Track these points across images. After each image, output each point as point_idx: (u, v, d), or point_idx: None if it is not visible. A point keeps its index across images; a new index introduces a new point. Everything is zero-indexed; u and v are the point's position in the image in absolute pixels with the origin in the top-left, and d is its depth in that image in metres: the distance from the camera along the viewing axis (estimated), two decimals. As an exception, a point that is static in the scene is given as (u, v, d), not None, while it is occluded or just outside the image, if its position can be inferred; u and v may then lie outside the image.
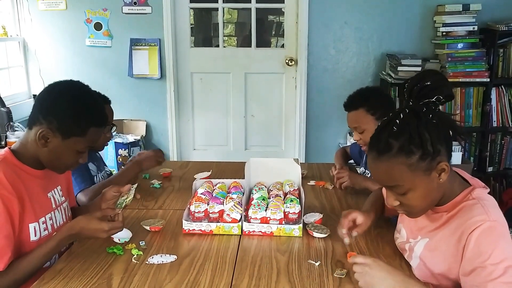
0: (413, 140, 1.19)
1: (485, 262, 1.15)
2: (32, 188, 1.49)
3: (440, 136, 1.21)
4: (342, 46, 3.95)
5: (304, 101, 4.02)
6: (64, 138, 1.46)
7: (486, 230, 1.17)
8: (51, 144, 1.46)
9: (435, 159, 1.21)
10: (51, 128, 1.45)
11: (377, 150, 1.24)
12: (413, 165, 1.20)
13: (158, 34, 3.94)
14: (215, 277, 1.38)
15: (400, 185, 1.24)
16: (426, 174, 1.22)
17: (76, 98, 1.50)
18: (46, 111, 1.46)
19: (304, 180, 2.17)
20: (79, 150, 1.51)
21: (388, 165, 1.23)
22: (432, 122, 1.21)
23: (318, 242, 1.61)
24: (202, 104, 4.18)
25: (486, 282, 1.14)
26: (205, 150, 4.28)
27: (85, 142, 1.50)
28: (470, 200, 1.26)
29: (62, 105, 1.47)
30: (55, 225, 1.58)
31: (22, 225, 1.43)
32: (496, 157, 3.78)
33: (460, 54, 3.59)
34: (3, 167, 1.41)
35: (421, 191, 1.24)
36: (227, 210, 1.69)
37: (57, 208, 1.61)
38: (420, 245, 1.36)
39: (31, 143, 1.48)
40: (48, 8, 3.94)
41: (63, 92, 1.51)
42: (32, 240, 1.47)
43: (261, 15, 4.20)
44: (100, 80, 3.93)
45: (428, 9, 3.79)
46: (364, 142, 2.09)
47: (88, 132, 1.49)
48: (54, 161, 1.52)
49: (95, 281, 1.35)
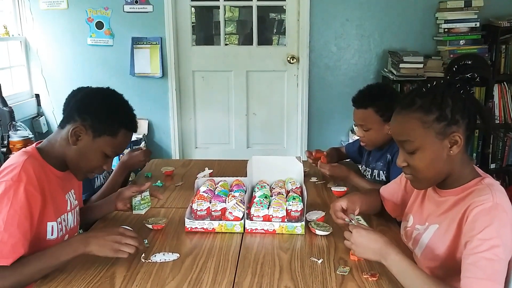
0: (435, 101, 1.25)
1: (474, 236, 1.17)
2: (54, 187, 1.51)
3: (463, 110, 1.25)
4: (343, 43, 3.94)
5: (306, 98, 4.02)
6: (96, 137, 1.50)
7: (486, 209, 1.19)
8: (82, 142, 1.50)
9: (450, 127, 1.24)
10: (85, 125, 1.49)
11: (401, 105, 1.31)
12: (428, 123, 1.25)
13: (160, 32, 3.94)
14: (218, 275, 1.38)
15: (411, 141, 1.28)
16: (438, 138, 1.25)
17: (111, 100, 1.58)
18: (82, 107, 1.52)
19: (306, 178, 2.17)
20: (107, 153, 1.54)
21: (405, 118, 1.29)
22: (460, 95, 1.27)
23: (320, 240, 1.60)
24: (204, 102, 4.18)
25: (469, 255, 1.16)
26: (207, 148, 4.28)
27: (114, 144, 1.53)
28: (480, 185, 1.27)
29: (98, 105, 1.53)
30: (67, 227, 1.58)
31: (41, 223, 1.44)
32: (498, 154, 3.77)
33: (462, 50, 3.58)
34: (32, 162, 1.43)
35: (429, 153, 1.27)
36: (229, 208, 1.69)
37: (71, 211, 1.62)
38: (430, 232, 1.36)
39: (60, 142, 1.51)
40: (50, 7, 3.94)
41: (98, 92, 1.59)
42: (48, 238, 1.47)
43: (263, 13, 4.19)
44: (101, 79, 3.94)
45: (430, 5, 3.78)
46: (367, 140, 2.09)
47: (119, 134, 1.53)
48: (80, 162, 1.53)
49: (98, 280, 1.35)
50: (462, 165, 1.30)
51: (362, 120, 2.07)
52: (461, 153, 1.28)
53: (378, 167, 2.12)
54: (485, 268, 1.13)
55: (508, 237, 1.17)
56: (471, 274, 1.14)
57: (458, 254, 1.25)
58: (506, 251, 1.17)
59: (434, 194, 1.39)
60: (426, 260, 1.36)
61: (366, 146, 2.15)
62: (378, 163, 2.13)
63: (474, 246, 1.16)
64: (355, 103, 2.09)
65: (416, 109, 1.26)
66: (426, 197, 1.44)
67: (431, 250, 1.35)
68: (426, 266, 1.34)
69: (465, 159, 1.31)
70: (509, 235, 1.17)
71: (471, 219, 1.20)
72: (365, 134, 2.08)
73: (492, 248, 1.14)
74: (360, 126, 2.09)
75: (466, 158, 1.31)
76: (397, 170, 1.65)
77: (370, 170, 2.18)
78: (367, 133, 2.06)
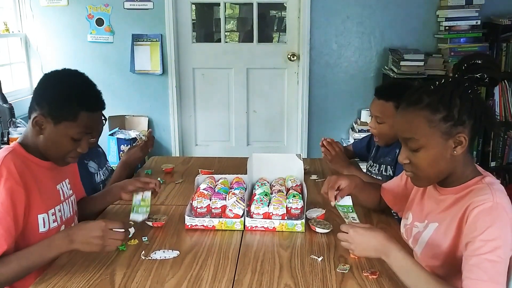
0: (442, 100, 1.23)
1: (476, 238, 1.16)
2: (42, 179, 1.50)
3: (470, 110, 1.24)
4: (344, 41, 3.93)
5: (306, 96, 4.01)
6: (56, 123, 1.45)
7: (486, 209, 1.18)
8: (46, 131, 1.46)
9: (456, 127, 1.23)
10: (43, 114, 1.45)
11: (408, 102, 1.29)
12: (434, 123, 1.24)
13: (160, 29, 3.94)
14: (218, 273, 1.38)
15: (416, 139, 1.27)
16: (443, 138, 1.24)
17: (67, 83, 1.50)
18: (39, 97, 1.48)
19: (307, 176, 2.17)
20: (74, 137, 1.48)
21: (411, 115, 1.27)
22: (468, 95, 1.24)
23: (320, 238, 1.60)
24: (204, 99, 4.18)
25: (471, 256, 1.16)
26: (207, 146, 4.28)
27: (78, 127, 1.47)
28: (480, 184, 1.27)
29: (53, 90, 1.48)
30: (63, 217, 1.58)
31: (29, 216, 1.43)
32: (499, 152, 3.77)
33: (463, 48, 3.57)
34: (13, 157, 1.41)
35: (432, 153, 1.26)
36: (229, 206, 1.69)
37: (65, 201, 1.61)
38: (429, 230, 1.36)
39: (30, 133, 1.49)
40: (50, 4, 3.93)
41: (55, 78, 1.52)
42: (41, 231, 1.47)
43: (263, 10, 4.18)
44: (102, 76, 3.93)
45: (430, 3, 3.77)
46: (378, 134, 2.09)
47: (79, 117, 1.46)
48: (50, 149, 1.49)
49: (98, 277, 1.35)
50: (464, 164, 1.30)
51: (380, 112, 2.06)
52: (464, 153, 1.27)
53: (386, 162, 2.13)
54: (488, 270, 1.13)
55: (509, 237, 1.17)
56: (474, 275, 1.14)
57: (458, 253, 1.25)
58: (507, 251, 1.17)
59: (434, 192, 1.38)
60: (426, 259, 1.35)
61: (378, 142, 2.15)
62: (386, 158, 2.13)
63: (476, 247, 1.15)
64: (378, 92, 2.09)
65: (423, 107, 1.24)
66: (426, 195, 1.44)
67: (430, 249, 1.34)
68: (426, 264, 1.33)
69: (468, 158, 1.30)
70: (510, 235, 1.17)
71: (472, 220, 1.19)
72: (377, 127, 2.08)
73: (494, 250, 1.14)
74: (376, 117, 2.08)
75: (469, 157, 1.31)
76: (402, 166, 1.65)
77: (377, 165, 2.19)
78: (380, 126, 2.07)
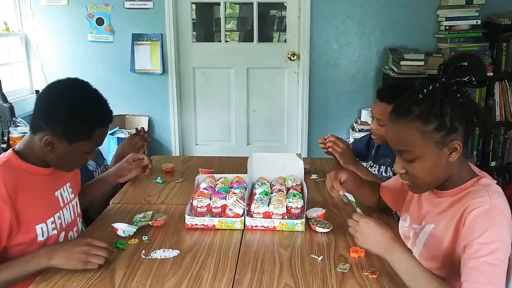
0: (433, 109, 1.21)
1: (474, 240, 1.16)
2: (38, 189, 1.48)
3: (461, 116, 1.22)
4: (344, 41, 3.93)
5: (306, 95, 4.02)
6: (71, 143, 1.45)
7: (484, 212, 1.18)
8: (58, 149, 1.45)
9: (449, 135, 1.22)
10: (56, 135, 1.43)
11: (397, 113, 1.26)
12: (427, 134, 1.21)
13: (160, 29, 3.94)
14: (218, 272, 1.38)
15: (410, 151, 1.25)
16: (438, 148, 1.23)
17: (77, 101, 1.45)
18: (48, 117, 1.43)
19: (307, 175, 2.17)
20: (87, 151, 1.52)
21: (403, 128, 1.24)
22: (458, 100, 1.22)
23: (320, 237, 1.60)
24: (204, 99, 4.18)
25: (470, 259, 1.15)
26: (207, 145, 4.28)
27: (92, 143, 1.50)
28: (476, 186, 1.26)
29: (64, 110, 1.42)
30: (63, 224, 1.57)
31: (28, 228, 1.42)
32: (499, 152, 3.77)
33: (463, 48, 3.57)
34: (3, 171, 1.38)
35: (428, 162, 1.25)
36: (229, 205, 1.69)
37: (65, 206, 1.60)
38: (426, 232, 1.36)
39: (37, 148, 1.46)
40: (50, 3, 3.93)
41: (62, 95, 1.45)
42: (40, 240, 1.46)
43: (263, 10, 4.18)
44: (102, 76, 3.94)
45: (431, 3, 3.77)
46: (380, 135, 2.07)
47: (94, 134, 1.48)
48: (64, 164, 1.52)
49: (98, 276, 1.35)
50: (460, 167, 1.29)
51: (382, 115, 2.01)
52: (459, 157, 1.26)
53: (386, 163, 2.12)
54: (488, 273, 1.13)
55: (507, 239, 1.17)
56: (474, 279, 1.13)
57: (456, 255, 1.25)
58: (506, 253, 1.16)
59: (431, 195, 1.38)
60: (422, 260, 1.34)
61: (377, 140, 2.13)
62: (386, 159, 2.12)
63: (474, 250, 1.15)
64: (380, 95, 2.06)
65: (414, 119, 1.22)
66: (422, 197, 1.43)
67: (427, 251, 1.34)
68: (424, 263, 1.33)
69: (462, 160, 1.29)
70: (507, 236, 1.17)
71: (469, 222, 1.19)
72: (379, 129, 2.06)
73: (493, 253, 1.13)
74: (377, 120, 2.06)
75: (463, 159, 1.30)
76: None
77: (377, 166, 2.18)
78: (382, 128, 2.04)
